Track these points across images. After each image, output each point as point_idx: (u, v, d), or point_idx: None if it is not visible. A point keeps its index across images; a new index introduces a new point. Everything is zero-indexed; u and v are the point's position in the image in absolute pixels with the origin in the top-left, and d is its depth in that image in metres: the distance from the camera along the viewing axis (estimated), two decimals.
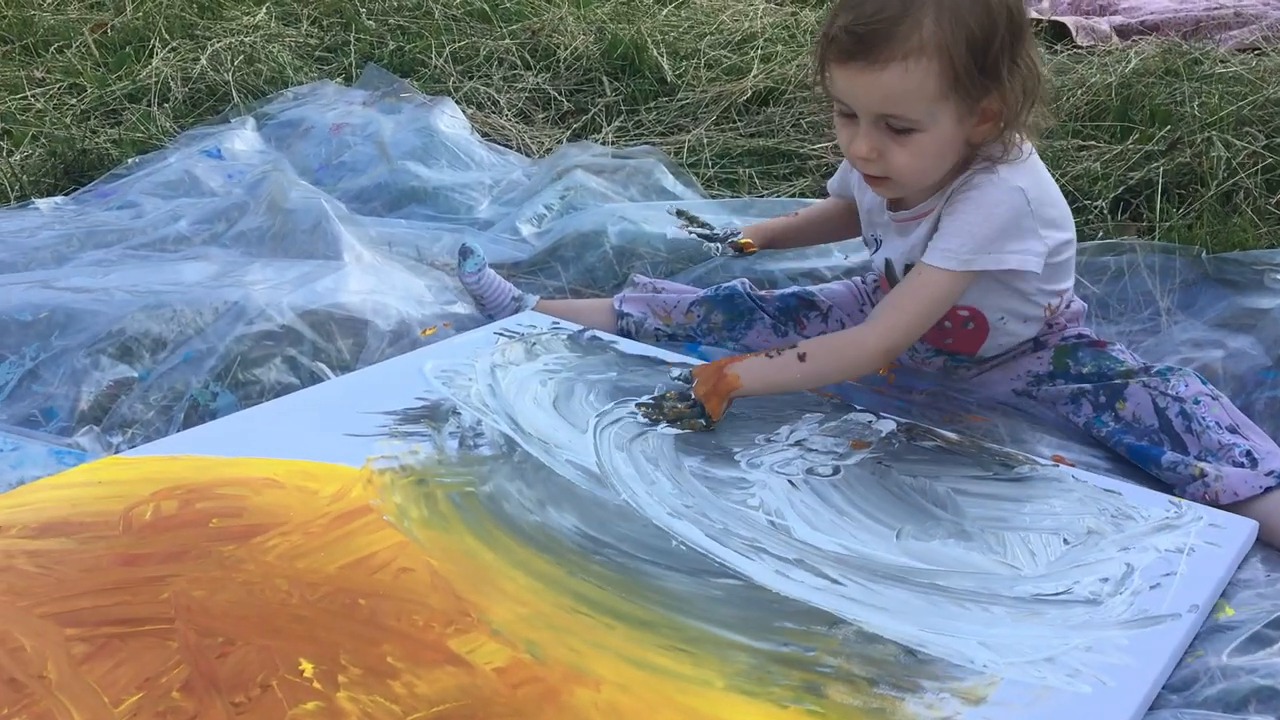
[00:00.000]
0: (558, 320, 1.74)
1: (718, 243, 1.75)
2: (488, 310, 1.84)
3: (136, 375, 1.55)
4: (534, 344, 1.65)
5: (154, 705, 0.92)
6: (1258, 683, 1.00)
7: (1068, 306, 1.51)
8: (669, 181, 2.35)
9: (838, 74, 1.30)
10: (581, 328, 1.71)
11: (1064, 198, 1.44)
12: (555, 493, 1.27)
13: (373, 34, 3.45)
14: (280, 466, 1.30)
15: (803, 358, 1.38)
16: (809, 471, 1.31)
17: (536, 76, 3.09)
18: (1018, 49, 1.28)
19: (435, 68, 3.15)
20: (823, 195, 2.31)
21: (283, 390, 1.55)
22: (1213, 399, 1.37)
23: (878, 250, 1.54)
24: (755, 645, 1.02)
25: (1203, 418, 1.34)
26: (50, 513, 1.19)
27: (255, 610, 1.05)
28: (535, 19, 3.45)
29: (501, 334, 1.69)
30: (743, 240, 1.74)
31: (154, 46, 3.20)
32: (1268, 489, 1.25)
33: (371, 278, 1.78)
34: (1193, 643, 1.06)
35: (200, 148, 2.47)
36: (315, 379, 1.58)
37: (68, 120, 2.75)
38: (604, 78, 3.03)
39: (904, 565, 1.14)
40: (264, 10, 3.60)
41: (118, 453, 1.40)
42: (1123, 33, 3.49)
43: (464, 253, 1.83)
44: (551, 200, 2.23)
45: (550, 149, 2.67)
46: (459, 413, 1.44)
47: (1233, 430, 1.33)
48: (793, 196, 2.32)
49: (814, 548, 1.17)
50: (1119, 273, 1.72)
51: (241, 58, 3.11)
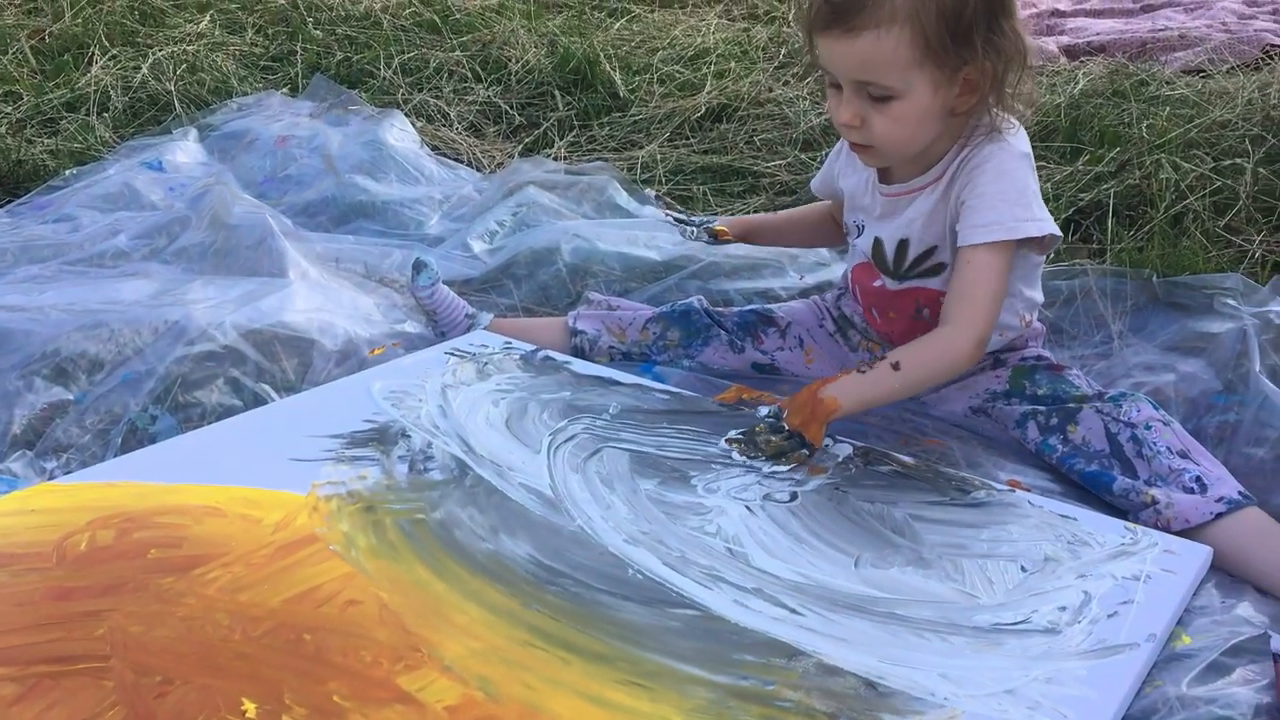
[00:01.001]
0: (510, 340, 1.71)
1: (693, 227, 1.76)
2: (440, 327, 1.80)
3: (72, 398, 1.49)
4: (486, 364, 1.62)
5: None
6: (1217, 713, 1.00)
7: (1033, 322, 1.53)
8: (623, 198, 2.33)
9: (819, 42, 1.34)
10: (534, 347, 1.68)
11: None
12: (508, 518, 1.24)
13: (320, 44, 3.40)
14: (222, 494, 1.25)
15: (897, 366, 1.35)
16: (766, 497, 1.29)
17: (487, 89, 3.06)
18: (995, 20, 1.31)
19: (384, 79, 3.11)
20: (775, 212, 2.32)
21: (225, 413, 1.50)
22: (1164, 424, 1.37)
23: (860, 235, 1.54)
24: (714, 679, 1.00)
25: (1154, 443, 1.35)
26: None
27: (195, 647, 1.01)
28: (486, 30, 3.42)
29: (453, 354, 1.65)
30: (718, 227, 1.75)
31: (93, 54, 3.12)
32: (1218, 515, 1.25)
33: (318, 295, 1.74)
34: (1151, 672, 1.06)
35: (141, 159, 2.41)
36: (259, 401, 1.54)
37: (2, 129, 2.67)
38: (556, 91, 3.01)
39: (863, 594, 1.13)
40: (208, 18, 3.54)
41: (52, 479, 1.35)
42: (1070, 53, 3.53)
43: (417, 266, 1.79)
44: (504, 216, 2.20)
45: (502, 163, 2.64)
46: (409, 435, 1.41)
47: (1183, 455, 1.34)
48: (746, 214, 2.31)
49: (772, 576, 1.15)
50: (1071, 296, 1.73)
51: (184, 67, 3.05)
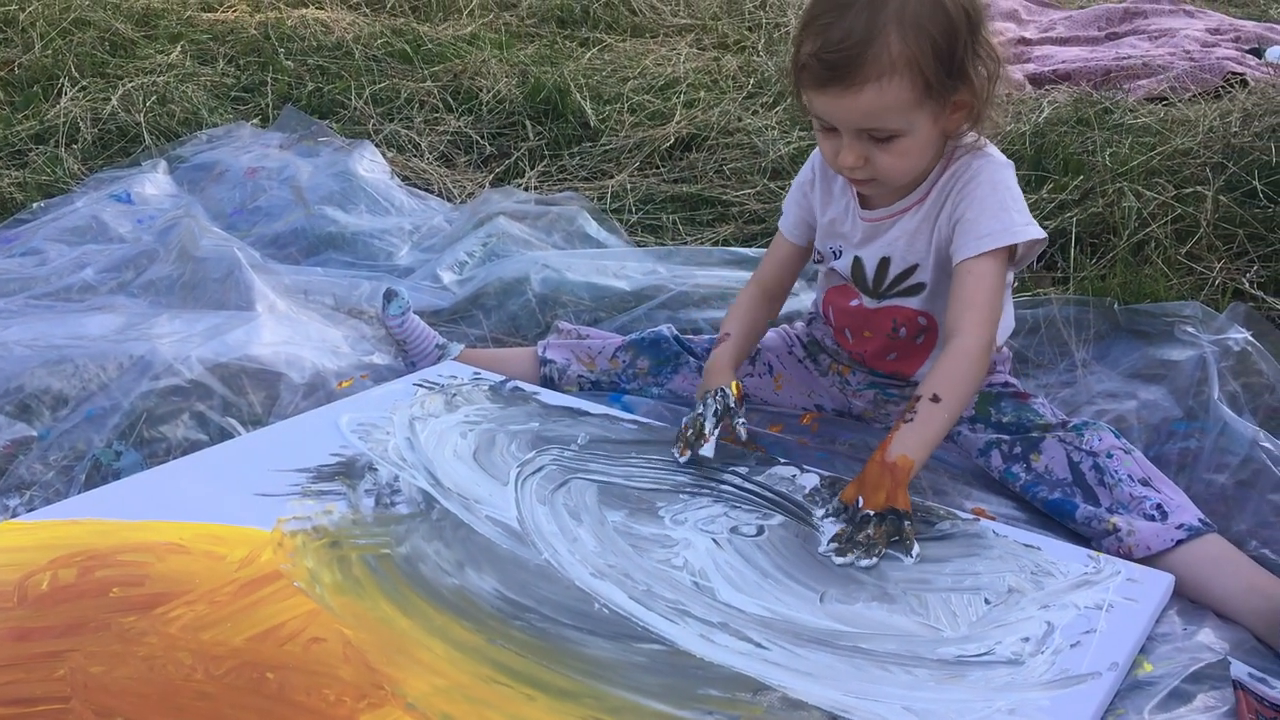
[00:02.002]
0: (479, 371, 1.71)
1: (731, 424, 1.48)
2: (410, 357, 1.80)
3: (36, 434, 1.49)
4: (454, 395, 1.62)
5: None
6: None
7: (1001, 348, 1.54)
8: (593, 228, 2.34)
9: (815, 99, 1.33)
10: (503, 378, 1.68)
11: None
12: (475, 553, 1.24)
13: (291, 74, 3.40)
14: (186, 530, 1.25)
15: (936, 399, 1.29)
16: (733, 530, 1.30)
17: (458, 119, 3.07)
18: (978, 37, 1.32)
19: (355, 109, 3.12)
20: (745, 242, 2.34)
21: (191, 448, 1.49)
22: (1125, 452, 1.39)
23: (837, 259, 1.54)
24: (679, 714, 1.00)
25: (1115, 471, 1.36)
26: None
27: (157, 687, 1.00)
28: (458, 61, 3.43)
29: (421, 385, 1.65)
30: (735, 394, 1.49)
31: (63, 85, 3.12)
32: (1179, 542, 1.27)
33: (285, 328, 1.74)
34: (1113, 701, 1.06)
35: (109, 191, 2.41)
36: (225, 435, 1.53)
37: None
38: (527, 121, 3.03)
39: (828, 628, 1.13)
40: (179, 49, 3.54)
41: (14, 517, 1.34)
42: (1036, 81, 3.58)
43: (388, 296, 1.80)
44: (473, 247, 2.21)
45: (472, 193, 2.65)
46: (375, 469, 1.41)
47: (1145, 483, 1.35)
48: (716, 244, 2.33)
49: (738, 610, 1.15)
50: (1036, 325, 1.75)
51: (154, 98, 3.05)
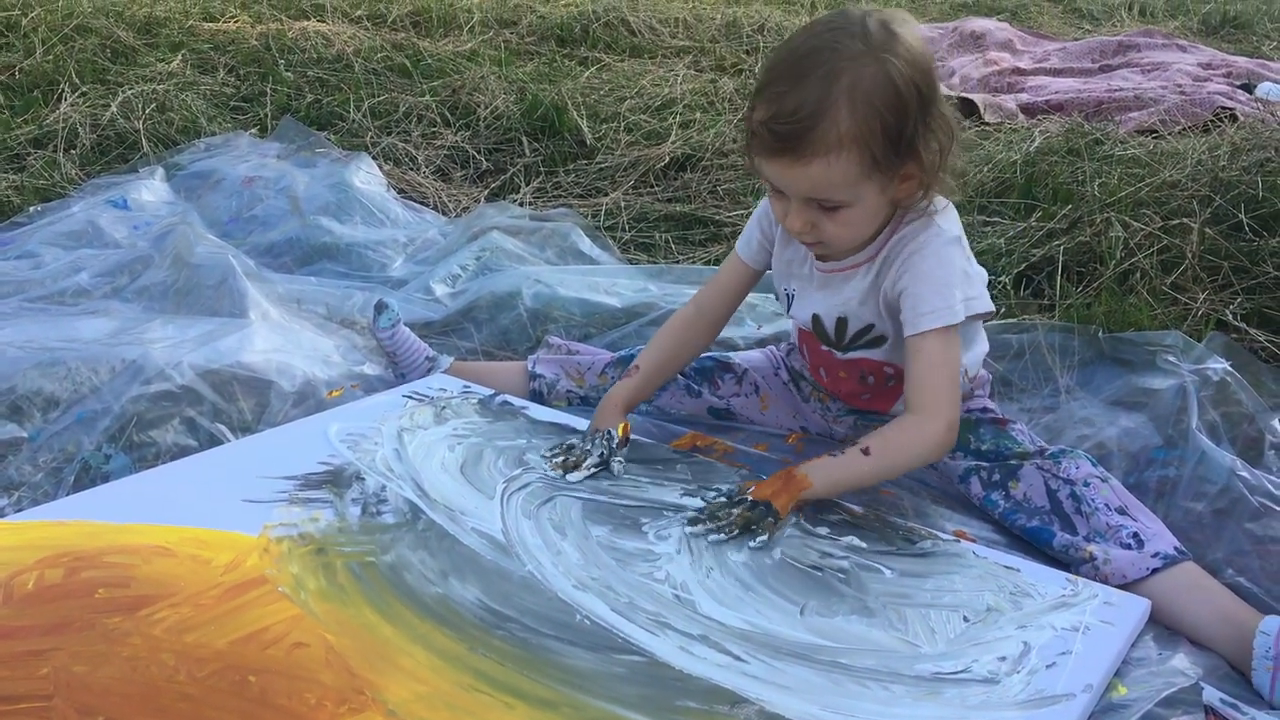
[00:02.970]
0: (468, 384, 1.72)
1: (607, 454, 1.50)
2: (400, 369, 1.82)
3: (26, 435, 1.49)
4: (444, 408, 1.63)
5: None
6: None
7: (979, 374, 1.56)
8: (586, 245, 2.36)
9: (765, 165, 1.33)
10: (493, 392, 1.69)
11: None
12: (459, 563, 1.25)
13: (291, 85, 3.42)
14: (173, 534, 1.25)
15: (867, 452, 1.35)
16: (716, 544, 1.31)
17: (456, 134, 3.09)
18: (928, 114, 1.32)
19: (353, 122, 3.14)
20: None
21: (180, 453, 1.50)
22: (1102, 481, 1.40)
23: (792, 305, 1.55)
24: None
25: (1092, 499, 1.38)
26: None
27: (139, 687, 1.01)
28: (457, 76, 3.46)
29: (411, 397, 1.66)
30: (620, 435, 1.51)
31: (63, 91, 3.13)
32: (1154, 570, 1.28)
33: (277, 336, 1.75)
34: None
35: (106, 197, 2.42)
36: (215, 441, 1.54)
37: None
38: (524, 138, 3.05)
39: (807, 642, 1.14)
40: (179, 58, 3.56)
41: (2, 517, 1.34)
42: (1028, 111, 3.62)
43: (379, 308, 1.81)
44: (467, 260, 2.22)
45: (468, 208, 2.67)
46: (363, 478, 1.42)
47: (1121, 512, 1.36)
48: (708, 263, 2.35)
49: (719, 623, 1.16)
50: (1021, 350, 1.77)
51: (154, 105, 3.06)
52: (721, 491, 1.41)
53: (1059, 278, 2.08)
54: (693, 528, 1.33)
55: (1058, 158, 2.67)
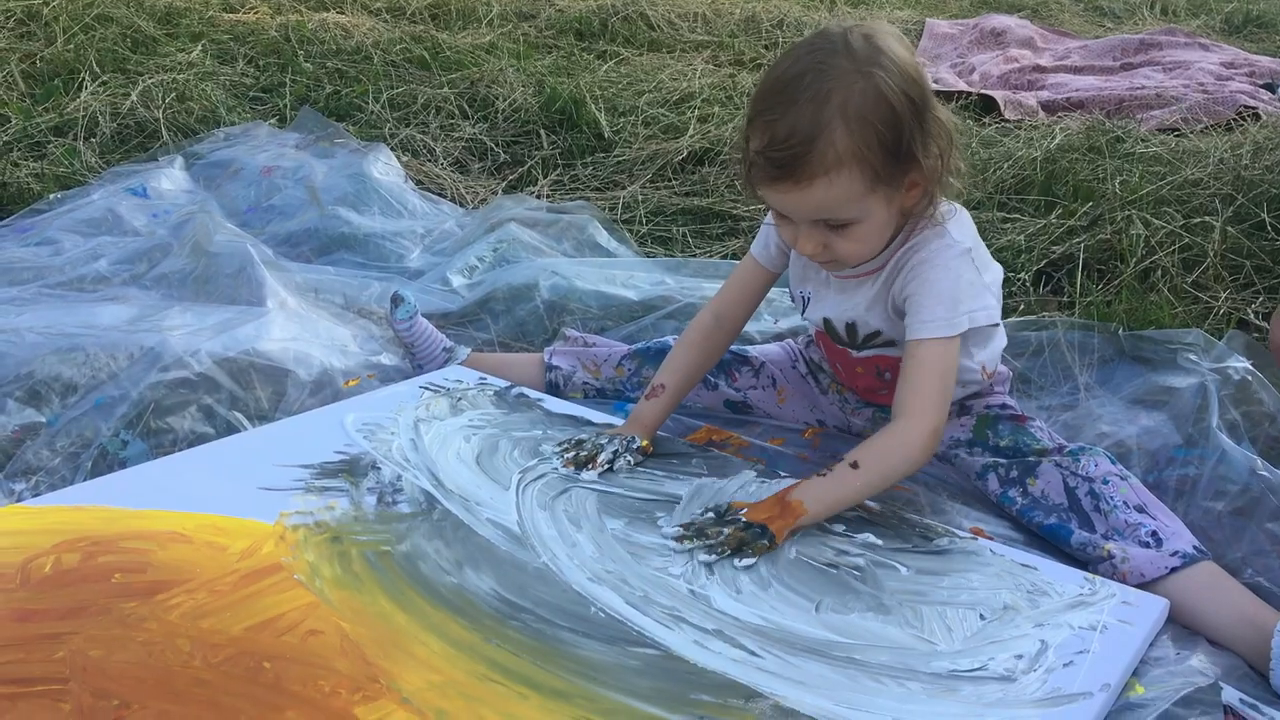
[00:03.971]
0: (485, 376, 1.72)
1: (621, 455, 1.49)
2: (417, 360, 1.82)
3: (44, 420, 1.50)
4: (459, 399, 1.63)
5: None
6: None
7: (996, 370, 1.55)
8: (603, 237, 2.35)
9: (766, 193, 1.33)
10: (508, 384, 1.69)
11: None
12: (474, 553, 1.25)
13: (310, 76, 3.43)
14: (189, 520, 1.26)
15: (856, 465, 1.32)
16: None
17: (474, 126, 3.09)
18: (924, 121, 1.31)
19: (372, 113, 3.14)
20: None
21: (197, 440, 1.51)
22: (1121, 479, 1.39)
23: (807, 308, 1.55)
24: (670, 718, 1.01)
25: (1110, 497, 1.37)
26: None
27: (154, 672, 1.01)
28: (475, 69, 3.46)
29: (427, 388, 1.66)
30: (643, 444, 1.51)
31: (84, 80, 3.14)
32: (1173, 569, 1.27)
33: (295, 325, 1.75)
34: None
35: (125, 185, 2.43)
36: (231, 429, 1.55)
37: None
38: (542, 131, 3.05)
39: (822, 638, 1.13)
40: (199, 48, 3.57)
41: (20, 501, 1.35)
42: (1049, 108, 3.59)
43: (396, 300, 1.81)
44: (484, 252, 2.22)
45: (485, 199, 2.67)
46: (379, 468, 1.42)
47: (1140, 510, 1.35)
48: (725, 257, 2.34)
49: (733, 618, 1.16)
50: (1040, 348, 1.76)
51: (174, 95, 3.07)
52: (709, 508, 1.36)
53: (1079, 275, 2.07)
54: (678, 544, 1.29)
55: (1079, 155, 2.66)
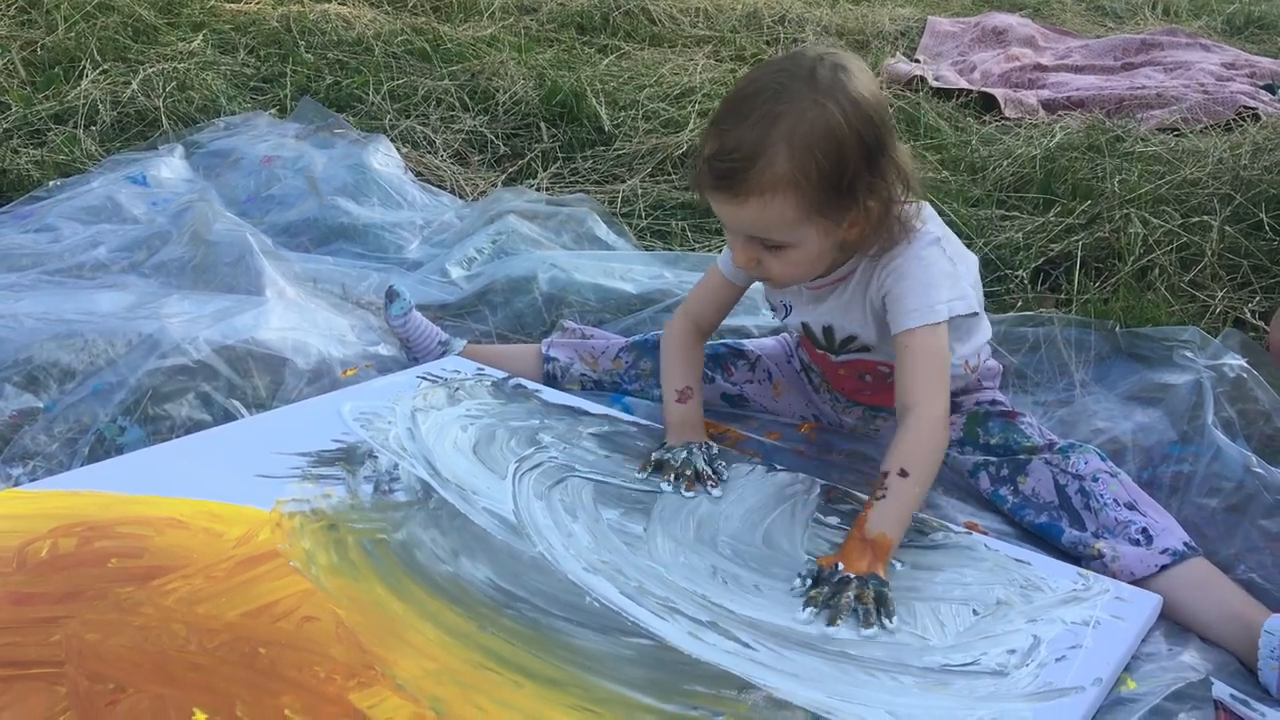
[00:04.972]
0: (482, 366, 1.72)
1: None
2: (414, 353, 1.82)
3: (42, 406, 1.50)
4: (457, 389, 1.63)
5: None
6: None
7: (984, 363, 1.55)
8: (602, 230, 2.36)
9: (709, 199, 1.34)
10: (506, 375, 1.70)
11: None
12: (470, 542, 1.25)
13: (310, 67, 3.43)
14: (186, 506, 1.26)
15: (904, 473, 1.28)
16: (726, 533, 1.31)
17: (474, 119, 3.09)
18: (875, 164, 1.31)
19: (372, 104, 3.14)
20: None
21: (194, 427, 1.51)
22: (1111, 476, 1.39)
23: (789, 315, 1.56)
24: (663, 707, 1.01)
25: (1100, 495, 1.37)
26: None
27: (150, 656, 1.01)
28: (476, 61, 3.46)
29: (425, 378, 1.67)
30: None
31: (84, 68, 3.14)
32: (1163, 567, 1.27)
33: (293, 314, 1.75)
34: (1095, 716, 1.07)
35: (125, 173, 2.43)
36: (229, 417, 1.55)
37: None
38: (542, 124, 3.05)
39: (816, 632, 1.14)
40: (200, 37, 3.57)
41: (17, 485, 1.35)
42: (1049, 107, 3.60)
43: (390, 295, 1.81)
44: (483, 244, 2.22)
45: (485, 191, 2.67)
46: (376, 456, 1.42)
47: (1130, 507, 1.35)
48: (722, 251, 2.34)
49: (728, 610, 1.16)
50: (1036, 344, 1.76)
51: (174, 84, 3.07)
52: (800, 574, 1.23)
53: (1077, 273, 2.07)
54: (826, 624, 1.16)
55: (1078, 153, 2.66)
